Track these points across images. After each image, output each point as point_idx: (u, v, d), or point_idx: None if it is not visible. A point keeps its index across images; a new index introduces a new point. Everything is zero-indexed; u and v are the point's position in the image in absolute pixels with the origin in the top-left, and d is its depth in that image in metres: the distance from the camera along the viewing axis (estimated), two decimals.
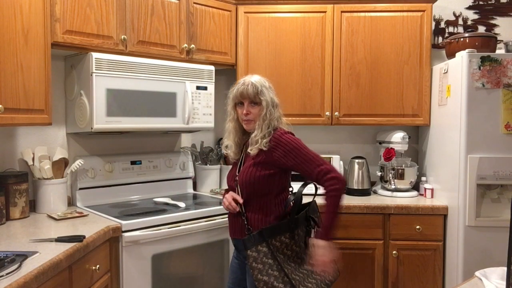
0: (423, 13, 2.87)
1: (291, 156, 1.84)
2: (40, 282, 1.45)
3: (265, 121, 1.89)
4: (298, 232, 1.85)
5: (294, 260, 1.81)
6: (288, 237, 1.80)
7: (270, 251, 1.76)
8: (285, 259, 1.78)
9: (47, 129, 2.45)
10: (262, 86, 1.92)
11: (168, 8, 2.57)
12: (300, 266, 1.81)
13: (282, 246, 1.79)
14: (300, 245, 1.84)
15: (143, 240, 2.14)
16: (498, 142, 2.43)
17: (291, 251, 1.81)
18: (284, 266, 1.76)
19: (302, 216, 1.89)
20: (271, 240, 1.77)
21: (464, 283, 1.50)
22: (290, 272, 1.76)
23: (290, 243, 1.81)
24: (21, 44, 1.92)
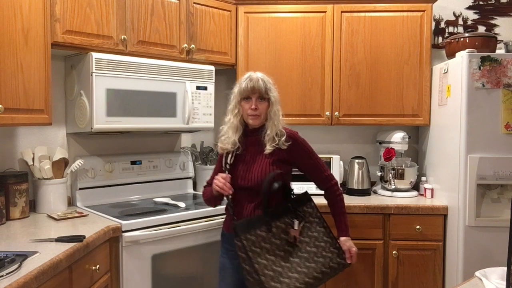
0: (423, 13, 2.87)
1: (306, 157, 1.98)
2: (40, 282, 1.45)
3: (275, 116, 1.93)
4: (276, 224, 1.84)
5: (274, 253, 1.80)
6: (265, 230, 1.80)
7: (243, 245, 1.76)
8: (263, 252, 1.77)
9: (47, 129, 2.46)
10: (269, 83, 1.96)
11: (168, 8, 2.57)
12: (283, 259, 1.81)
13: (258, 239, 1.78)
14: (281, 237, 1.83)
15: (143, 240, 2.14)
16: (498, 142, 2.43)
17: (270, 244, 1.80)
18: (256, 261, 1.74)
19: (282, 209, 1.89)
20: (245, 235, 1.77)
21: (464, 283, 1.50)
22: (263, 267, 1.74)
23: (267, 236, 1.80)
24: (21, 44, 1.92)
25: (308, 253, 1.86)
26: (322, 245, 1.89)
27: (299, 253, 1.85)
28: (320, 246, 1.89)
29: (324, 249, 1.89)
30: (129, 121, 2.40)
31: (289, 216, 1.89)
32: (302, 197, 1.99)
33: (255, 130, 1.97)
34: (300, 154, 1.97)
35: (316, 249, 1.88)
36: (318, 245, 1.89)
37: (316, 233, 1.92)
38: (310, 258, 1.85)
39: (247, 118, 1.95)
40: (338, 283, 2.68)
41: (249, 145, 1.98)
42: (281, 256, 1.81)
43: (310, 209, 1.96)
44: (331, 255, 1.89)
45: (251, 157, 1.96)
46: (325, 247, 1.90)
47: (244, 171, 1.94)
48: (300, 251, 1.86)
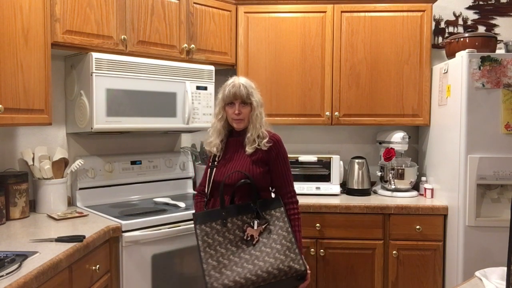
0: (423, 13, 2.87)
1: (280, 163, 2.05)
2: (40, 282, 1.45)
3: (257, 120, 2.03)
4: (232, 220, 1.92)
5: (225, 247, 1.88)
6: (220, 224, 1.90)
7: (196, 234, 1.89)
8: (214, 244, 1.87)
9: (47, 129, 2.46)
10: (251, 88, 2.04)
11: (168, 8, 2.57)
12: (233, 253, 1.87)
13: (212, 231, 1.89)
14: (236, 233, 1.91)
15: (143, 240, 2.14)
16: (498, 142, 2.43)
17: (223, 238, 1.89)
18: (204, 250, 1.85)
19: (243, 207, 1.95)
20: (200, 225, 1.90)
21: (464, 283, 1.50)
22: (208, 257, 1.84)
23: (222, 229, 1.90)
24: (21, 44, 1.92)
25: (260, 252, 1.87)
26: (277, 247, 1.87)
27: (252, 251, 1.87)
28: (275, 248, 1.87)
29: (278, 251, 1.86)
30: (129, 121, 2.40)
31: (250, 215, 1.94)
32: (273, 200, 2.02)
33: (239, 131, 2.08)
34: (275, 157, 2.04)
35: (270, 250, 1.87)
36: (274, 247, 1.88)
37: (276, 236, 1.91)
38: (260, 257, 1.85)
39: (232, 122, 2.06)
40: (338, 283, 2.69)
41: (233, 145, 2.09)
42: (232, 251, 1.87)
43: (278, 213, 1.98)
44: (284, 257, 1.85)
45: (232, 155, 2.07)
46: (280, 250, 1.87)
47: (222, 167, 2.06)
48: (254, 249, 1.88)
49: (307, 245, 2.67)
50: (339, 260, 2.68)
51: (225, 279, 1.79)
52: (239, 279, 1.78)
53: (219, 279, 1.79)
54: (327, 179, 2.95)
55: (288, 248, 1.89)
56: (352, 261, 2.68)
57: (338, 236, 2.66)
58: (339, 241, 2.67)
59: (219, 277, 1.80)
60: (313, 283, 2.69)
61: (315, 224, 2.65)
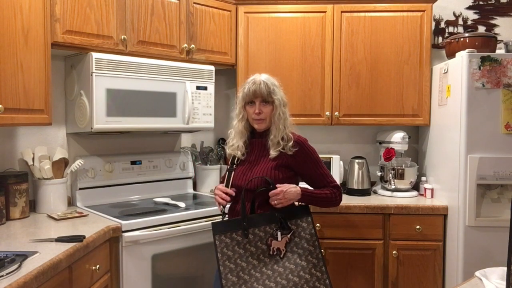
0: (423, 13, 2.87)
1: (313, 167, 1.92)
2: (40, 282, 1.45)
3: (280, 120, 1.89)
4: (254, 231, 1.77)
5: (247, 260, 1.73)
6: (241, 235, 1.75)
7: (215, 246, 1.74)
8: (234, 256, 1.72)
9: (47, 129, 2.45)
10: (273, 85, 1.91)
11: (168, 8, 2.57)
12: (254, 268, 1.73)
13: (233, 243, 1.74)
14: (258, 245, 1.76)
15: (143, 240, 2.14)
16: (498, 142, 2.43)
17: (244, 250, 1.74)
18: (223, 264, 1.70)
19: (266, 216, 1.81)
20: (219, 236, 1.74)
21: (464, 283, 1.50)
22: (228, 271, 1.69)
23: (243, 241, 1.74)
24: (21, 44, 1.92)
25: (284, 269, 1.74)
26: (303, 264, 1.75)
27: (274, 266, 1.74)
28: (300, 265, 1.75)
29: (303, 269, 1.74)
30: (129, 121, 2.40)
31: (273, 225, 1.79)
32: (300, 209, 1.89)
33: (262, 132, 1.95)
34: (306, 162, 1.90)
35: (295, 267, 1.75)
36: (299, 263, 1.76)
37: (301, 250, 1.79)
38: (284, 274, 1.73)
39: (253, 122, 1.93)
40: (338, 283, 2.68)
41: (256, 147, 1.96)
42: (253, 265, 1.73)
43: (305, 224, 1.85)
44: (309, 277, 1.74)
45: (255, 159, 1.93)
46: (306, 267, 1.75)
47: (245, 171, 1.93)
48: (276, 264, 1.75)
49: None
50: (339, 260, 2.67)
51: None
52: None
53: None
54: None
55: (314, 266, 1.77)
56: (352, 261, 2.68)
57: (338, 236, 2.66)
58: (339, 241, 2.67)
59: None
60: None
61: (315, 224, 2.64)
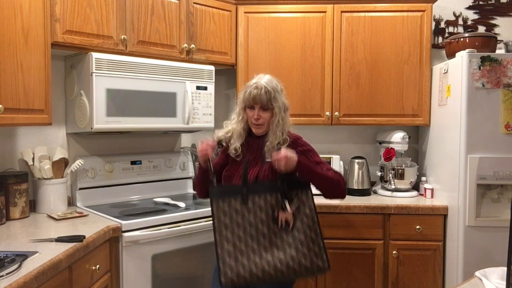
0: (423, 13, 2.87)
1: (307, 155, 1.88)
2: (40, 282, 1.45)
3: (278, 127, 1.87)
4: (254, 199, 1.73)
5: (244, 229, 1.70)
6: (240, 202, 1.72)
7: (213, 212, 1.72)
8: (232, 225, 1.69)
9: (47, 129, 2.45)
10: (275, 91, 1.87)
11: (168, 8, 2.57)
12: (251, 238, 1.69)
13: (231, 210, 1.72)
14: (257, 214, 1.71)
15: (143, 240, 2.14)
16: (498, 142, 2.43)
17: (242, 219, 1.71)
18: (219, 232, 1.68)
19: (267, 184, 1.78)
20: (217, 201, 1.73)
21: (464, 283, 1.50)
22: (224, 239, 1.67)
23: (242, 209, 1.71)
24: (21, 44, 1.92)
25: (282, 241, 1.70)
26: (301, 238, 1.70)
27: (273, 238, 1.70)
28: (297, 238, 1.70)
29: (302, 243, 1.70)
30: (129, 121, 2.39)
31: (274, 194, 1.74)
32: (300, 182, 1.82)
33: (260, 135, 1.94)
34: (299, 153, 1.85)
35: (292, 240, 1.70)
36: (297, 236, 1.71)
37: (299, 224, 1.73)
38: (281, 247, 1.69)
39: (251, 125, 1.92)
40: (338, 283, 2.68)
41: (252, 148, 1.94)
42: (251, 235, 1.69)
43: (304, 197, 1.78)
44: (307, 251, 1.69)
45: (252, 160, 1.92)
46: (304, 241, 1.70)
47: (238, 168, 1.91)
48: (274, 236, 1.70)
49: None
50: (339, 260, 2.67)
51: (240, 269, 1.65)
52: (256, 271, 1.64)
53: (233, 268, 1.65)
54: None
55: (312, 240, 1.72)
56: (352, 261, 2.68)
57: (338, 236, 2.66)
58: (339, 241, 2.67)
59: (234, 265, 1.65)
60: (313, 283, 2.69)
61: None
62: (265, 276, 1.65)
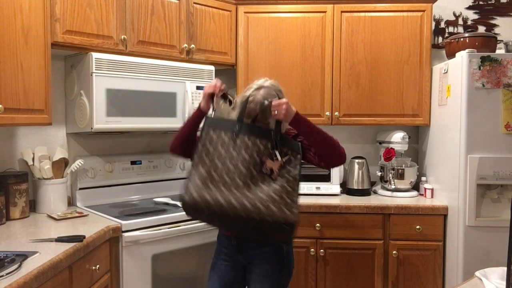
0: (423, 13, 2.87)
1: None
2: (40, 282, 1.45)
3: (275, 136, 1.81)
4: (244, 138, 1.72)
5: (224, 162, 1.69)
6: (229, 136, 1.73)
7: (201, 137, 1.76)
8: (215, 153, 1.71)
9: (47, 129, 2.46)
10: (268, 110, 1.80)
11: (168, 8, 2.57)
12: (228, 173, 1.67)
13: (218, 140, 1.73)
14: (241, 152, 1.69)
15: (143, 240, 2.14)
16: (498, 142, 2.43)
17: (226, 152, 1.71)
18: (200, 156, 1.71)
19: (261, 129, 1.75)
20: (209, 128, 1.76)
21: (464, 283, 1.50)
22: (201, 164, 1.69)
23: (229, 143, 1.72)
24: (21, 44, 1.92)
25: (255, 186, 1.66)
26: (276, 187, 1.67)
27: (248, 180, 1.67)
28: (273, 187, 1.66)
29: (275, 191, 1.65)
30: (129, 121, 2.40)
31: (265, 142, 1.72)
32: (294, 142, 1.78)
33: None
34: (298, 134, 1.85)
35: (267, 188, 1.66)
36: (273, 185, 1.67)
37: (279, 177, 1.69)
38: (253, 190, 1.65)
39: None
40: (338, 283, 2.68)
41: None
42: (228, 169, 1.68)
43: (293, 157, 1.74)
44: (278, 198, 1.64)
45: None
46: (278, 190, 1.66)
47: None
48: (250, 179, 1.67)
49: (307, 245, 2.67)
50: (339, 260, 2.67)
51: (206, 193, 1.65)
52: (222, 200, 1.63)
53: (201, 190, 1.65)
54: (327, 179, 2.95)
55: (288, 193, 1.67)
56: (352, 261, 2.68)
57: (338, 236, 2.66)
58: (339, 241, 2.67)
59: (202, 188, 1.65)
60: (313, 283, 2.69)
61: (315, 224, 2.65)
62: (229, 208, 1.62)
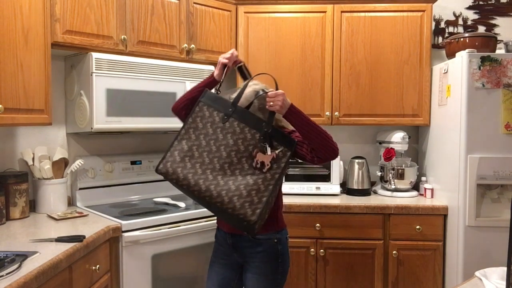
0: (423, 13, 2.87)
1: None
2: (40, 282, 1.45)
3: None
4: (233, 123, 1.70)
5: (208, 142, 1.69)
6: (220, 117, 1.72)
7: (193, 111, 1.75)
8: (202, 132, 1.71)
9: (47, 129, 2.46)
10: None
11: (168, 8, 2.57)
12: (209, 153, 1.67)
13: (209, 119, 1.72)
14: (226, 136, 1.69)
15: (143, 240, 2.14)
16: (498, 142, 2.43)
17: (213, 131, 1.70)
18: (187, 131, 1.71)
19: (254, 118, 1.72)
20: (204, 104, 1.75)
21: (464, 283, 1.50)
22: (186, 139, 1.70)
23: (218, 124, 1.71)
24: (21, 44, 1.92)
25: (231, 173, 1.65)
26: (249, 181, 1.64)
27: (225, 165, 1.66)
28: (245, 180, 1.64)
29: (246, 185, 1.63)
30: (129, 121, 2.40)
31: (254, 132, 1.69)
32: (286, 138, 1.73)
33: None
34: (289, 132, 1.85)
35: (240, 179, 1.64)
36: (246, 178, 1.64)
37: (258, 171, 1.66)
38: (226, 177, 1.65)
39: None
40: (338, 283, 2.68)
41: None
42: (209, 150, 1.68)
43: (281, 154, 1.69)
44: (246, 194, 1.62)
45: None
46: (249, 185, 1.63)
47: None
48: (228, 165, 1.66)
49: (307, 245, 2.67)
50: (339, 260, 2.68)
51: (179, 169, 1.67)
52: (192, 179, 1.65)
53: (175, 165, 1.68)
54: (327, 179, 2.96)
55: (258, 191, 1.63)
56: (352, 261, 2.68)
57: (338, 236, 2.66)
58: (339, 241, 2.67)
59: (178, 163, 1.68)
60: (313, 283, 2.69)
61: (315, 224, 2.65)
62: (195, 189, 1.65)
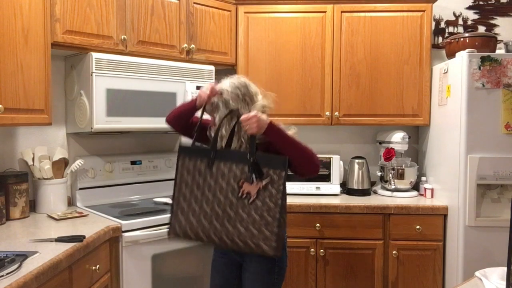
0: (423, 13, 2.87)
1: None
2: (40, 282, 1.45)
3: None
4: (219, 165, 1.69)
5: (203, 191, 1.70)
6: (205, 165, 1.71)
7: (177, 167, 1.75)
8: (193, 185, 1.71)
9: (47, 129, 2.46)
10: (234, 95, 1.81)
11: (168, 8, 2.57)
12: (208, 202, 1.68)
13: (195, 171, 1.72)
14: (218, 181, 1.68)
15: (143, 240, 2.14)
16: (498, 142, 2.43)
17: (203, 181, 1.70)
18: (179, 188, 1.73)
19: (237, 154, 1.70)
20: (184, 158, 1.74)
21: (464, 283, 1.50)
22: (182, 197, 1.72)
23: (205, 172, 1.70)
24: (21, 44, 1.92)
25: (235, 214, 1.65)
26: (256, 217, 1.62)
27: (227, 208, 1.66)
28: (252, 217, 1.63)
29: (254, 223, 1.62)
30: (129, 121, 2.40)
31: (241, 166, 1.67)
32: (276, 158, 1.66)
33: None
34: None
35: (247, 217, 1.63)
36: (252, 215, 1.63)
37: (260, 203, 1.63)
38: (232, 220, 1.64)
39: None
40: (338, 283, 2.68)
41: None
42: (207, 199, 1.69)
43: (276, 177, 1.64)
44: (257, 232, 1.61)
45: None
46: (257, 222, 1.61)
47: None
48: (230, 207, 1.66)
49: (307, 245, 2.67)
50: (339, 260, 2.68)
51: (188, 227, 1.70)
52: (202, 235, 1.67)
53: (182, 226, 1.71)
54: (327, 179, 2.95)
55: (267, 224, 1.61)
56: (352, 261, 2.68)
57: (338, 236, 2.66)
58: (339, 241, 2.67)
59: (184, 223, 1.71)
60: (313, 283, 2.69)
61: (315, 224, 2.65)
62: (210, 242, 1.68)
